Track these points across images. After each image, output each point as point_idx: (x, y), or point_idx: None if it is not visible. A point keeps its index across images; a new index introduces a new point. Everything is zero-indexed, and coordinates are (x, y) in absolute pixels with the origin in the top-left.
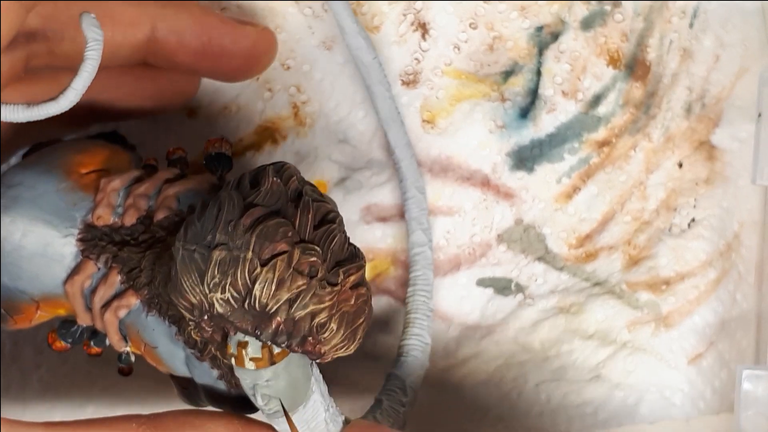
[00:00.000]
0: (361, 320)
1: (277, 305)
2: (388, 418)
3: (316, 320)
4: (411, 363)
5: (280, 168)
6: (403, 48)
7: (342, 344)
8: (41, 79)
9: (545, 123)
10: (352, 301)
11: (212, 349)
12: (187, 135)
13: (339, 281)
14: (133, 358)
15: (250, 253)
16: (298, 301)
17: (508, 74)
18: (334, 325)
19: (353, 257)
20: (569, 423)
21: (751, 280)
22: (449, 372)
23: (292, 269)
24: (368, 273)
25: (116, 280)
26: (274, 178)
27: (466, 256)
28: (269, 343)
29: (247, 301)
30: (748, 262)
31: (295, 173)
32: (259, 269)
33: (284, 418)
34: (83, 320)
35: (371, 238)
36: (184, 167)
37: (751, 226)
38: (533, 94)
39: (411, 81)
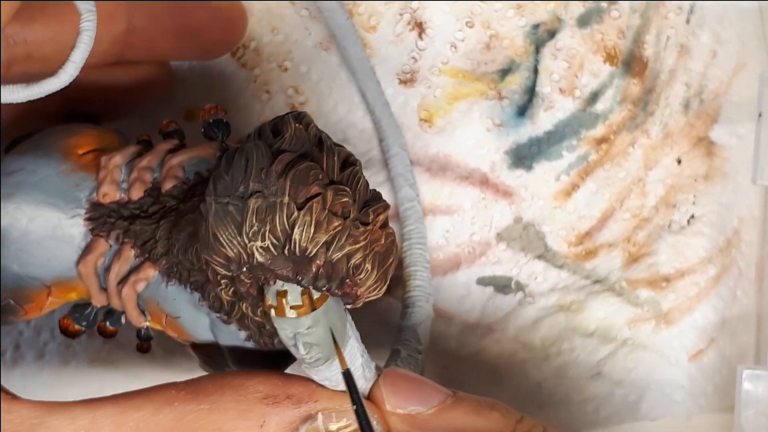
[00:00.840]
0: (391, 260)
1: (316, 248)
2: (409, 366)
3: (352, 261)
4: (419, 313)
5: (298, 115)
6: (400, 47)
7: (375, 285)
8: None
9: (543, 121)
10: (383, 241)
11: (243, 307)
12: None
13: (370, 220)
14: (152, 334)
15: (286, 197)
16: (335, 243)
17: (505, 72)
18: (368, 266)
19: (378, 197)
20: (571, 420)
21: (751, 276)
22: (450, 370)
23: (327, 211)
24: None
25: (130, 254)
26: (296, 125)
27: (465, 255)
28: (310, 287)
29: (287, 247)
30: (748, 258)
31: (312, 120)
32: (296, 213)
33: (325, 366)
34: (98, 300)
35: None
36: (181, 138)
37: (750, 222)
38: (531, 92)
39: (408, 80)
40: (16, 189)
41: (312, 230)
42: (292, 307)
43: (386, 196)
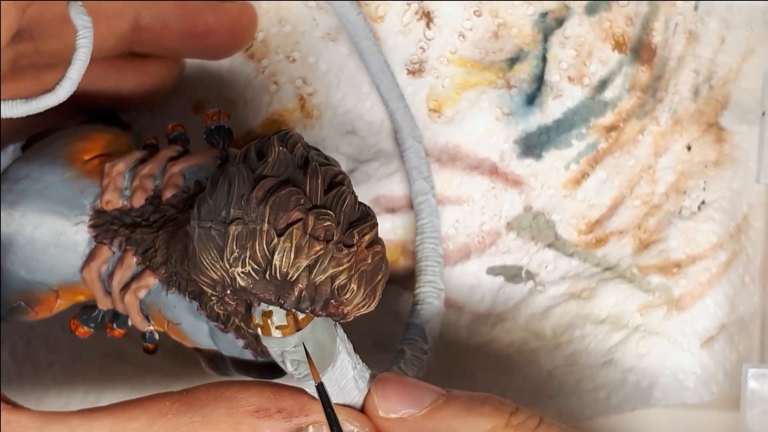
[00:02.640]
0: (380, 277)
1: (298, 273)
2: (412, 367)
3: (337, 282)
4: (428, 310)
5: (284, 136)
6: (407, 37)
7: (363, 302)
8: (24, 77)
9: (552, 109)
10: (369, 260)
11: (236, 320)
12: (193, 129)
13: (354, 242)
14: (157, 336)
15: (265, 225)
16: (317, 266)
17: (513, 61)
18: (354, 286)
19: (365, 216)
20: (583, 408)
21: (757, 262)
22: (461, 360)
23: (308, 236)
24: None
25: (132, 261)
26: (280, 147)
27: (475, 244)
28: (293, 310)
29: (267, 272)
30: (756, 244)
31: (299, 140)
32: (276, 239)
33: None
34: (104, 304)
35: (380, 230)
36: (185, 144)
37: (759, 208)
38: (539, 81)
39: (416, 70)
40: (21, 197)
41: (292, 256)
42: (277, 327)
43: (397, 186)
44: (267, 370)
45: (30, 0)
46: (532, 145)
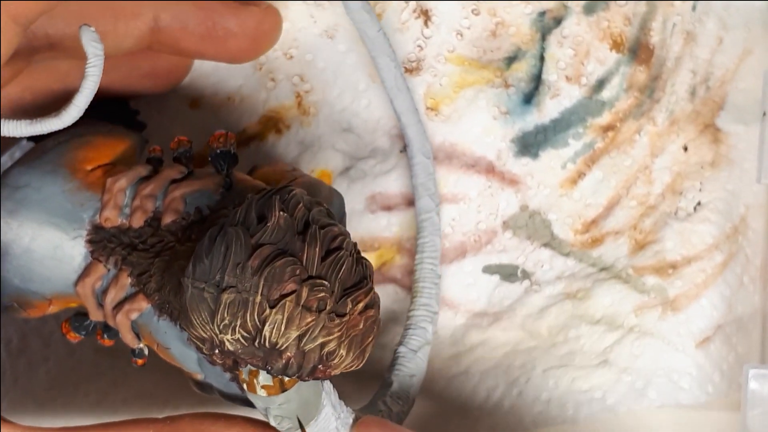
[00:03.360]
0: (370, 339)
1: (287, 343)
2: (397, 402)
3: (326, 350)
4: (420, 336)
5: (286, 197)
6: (405, 35)
7: (351, 364)
8: (40, 69)
9: (549, 108)
10: (361, 325)
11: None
12: (190, 126)
13: (348, 311)
14: (146, 351)
15: (259, 297)
16: (308, 336)
17: (511, 60)
18: (343, 352)
19: (361, 280)
20: (577, 408)
21: (757, 263)
22: (457, 359)
23: (300, 307)
24: (374, 262)
25: (127, 282)
26: (281, 212)
27: (471, 243)
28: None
29: (257, 341)
30: (755, 245)
31: (302, 198)
32: (268, 311)
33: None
34: (95, 317)
35: (376, 228)
36: (189, 163)
37: (757, 209)
38: (537, 80)
39: (414, 68)
40: (20, 206)
41: (283, 327)
42: (263, 387)
43: (393, 183)
44: (253, 403)
45: (32, 17)
46: (529, 144)
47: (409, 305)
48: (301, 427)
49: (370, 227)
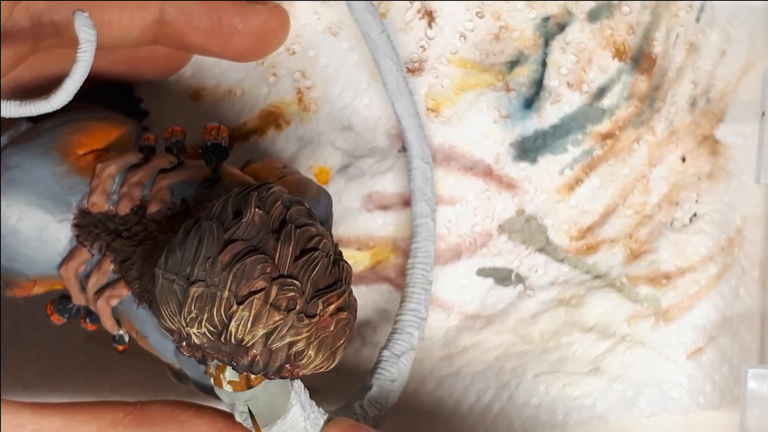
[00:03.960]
0: (342, 341)
1: (254, 340)
2: (374, 406)
3: (294, 349)
4: (405, 341)
5: (264, 193)
6: (408, 36)
7: (321, 365)
8: (45, 55)
9: (549, 114)
10: (332, 327)
11: None
12: (191, 118)
13: (318, 311)
14: (127, 338)
15: (226, 292)
16: (275, 334)
17: (513, 64)
18: (311, 352)
19: (335, 283)
20: (567, 414)
21: (755, 276)
22: (448, 360)
23: (269, 305)
24: (369, 261)
25: (109, 268)
26: (256, 209)
27: (466, 245)
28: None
29: (223, 336)
30: (752, 257)
31: (280, 197)
32: (235, 307)
33: (264, 429)
34: (78, 301)
35: (372, 226)
36: (180, 153)
37: (754, 222)
38: (538, 85)
39: (416, 69)
40: (10, 186)
41: (249, 324)
42: (229, 382)
43: (391, 183)
44: None
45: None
46: (528, 149)
47: (398, 309)
48: (256, 426)
49: (365, 226)
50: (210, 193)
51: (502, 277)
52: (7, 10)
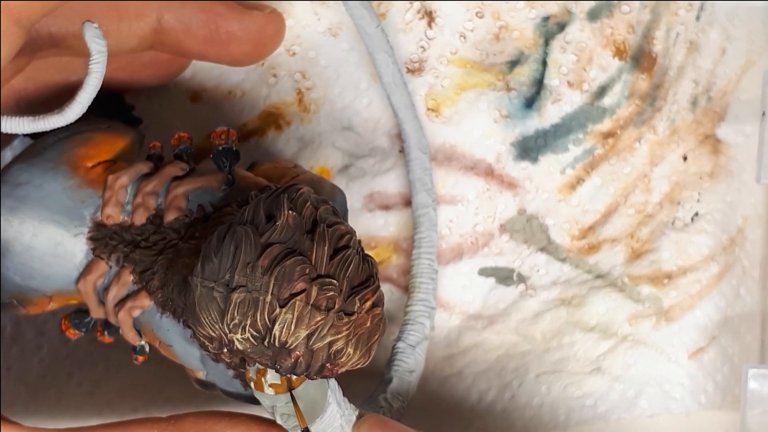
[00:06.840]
0: (376, 337)
1: (297, 342)
2: (397, 398)
3: (334, 348)
4: (418, 331)
5: (294, 195)
6: (408, 36)
7: (358, 362)
8: (42, 63)
9: (550, 113)
10: (368, 324)
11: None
12: (191, 119)
13: (356, 309)
14: (147, 349)
15: (269, 296)
16: (316, 335)
17: (513, 64)
18: (350, 350)
19: (368, 278)
20: (569, 414)
21: (755, 275)
22: (450, 360)
23: (310, 306)
24: None
25: (129, 279)
26: (289, 211)
27: (468, 245)
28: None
29: (266, 340)
30: (753, 257)
31: (309, 197)
32: (278, 310)
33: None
34: (96, 314)
35: (374, 226)
36: (191, 160)
37: (755, 221)
38: (539, 85)
39: (416, 69)
40: (21, 203)
41: (293, 326)
42: (270, 386)
43: (392, 183)
44: (256, 400)
45: (35, 19)
46: (529, 149)
47: (407, 301)
48: (302, 421)
49: (367, 226)
50: (226, 197)
51: (504, 276)
52: (20, 33)
